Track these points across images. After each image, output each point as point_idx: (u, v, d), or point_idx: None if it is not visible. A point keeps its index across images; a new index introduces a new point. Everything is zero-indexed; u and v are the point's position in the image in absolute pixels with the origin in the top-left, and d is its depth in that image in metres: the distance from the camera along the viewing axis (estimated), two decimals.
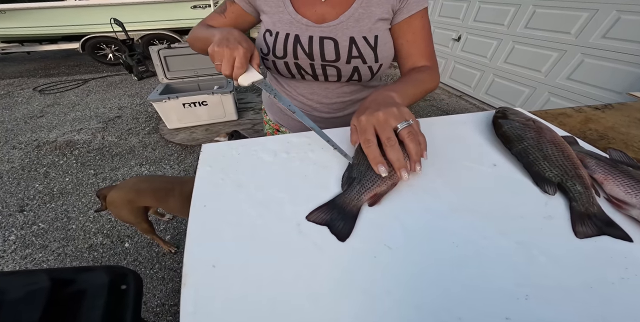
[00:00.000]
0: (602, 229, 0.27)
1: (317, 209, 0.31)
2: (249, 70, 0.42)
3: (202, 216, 0.31)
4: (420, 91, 0.47)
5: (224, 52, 0.40)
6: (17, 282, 0.29)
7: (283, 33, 0.50)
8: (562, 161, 0.33)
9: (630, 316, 0.22)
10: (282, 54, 0.51)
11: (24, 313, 0.26)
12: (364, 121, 0.34)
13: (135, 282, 0.36)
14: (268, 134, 0.80)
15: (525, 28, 2.16)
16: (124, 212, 1.04)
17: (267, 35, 0.51)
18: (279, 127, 0.73)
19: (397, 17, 0.49)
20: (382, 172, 0.31)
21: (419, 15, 0.49)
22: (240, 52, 0.40)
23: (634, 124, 0.49)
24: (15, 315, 0.25)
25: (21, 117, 2.62)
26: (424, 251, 0.27)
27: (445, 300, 0.23)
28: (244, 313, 0.22)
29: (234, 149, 0.42)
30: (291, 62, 0.52)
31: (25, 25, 3.71)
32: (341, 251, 0.27)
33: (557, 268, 0.25)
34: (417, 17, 0.49)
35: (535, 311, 0.22)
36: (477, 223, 0.29)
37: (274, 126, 0.74)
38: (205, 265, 0.26)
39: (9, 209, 1.54)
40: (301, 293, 0.24)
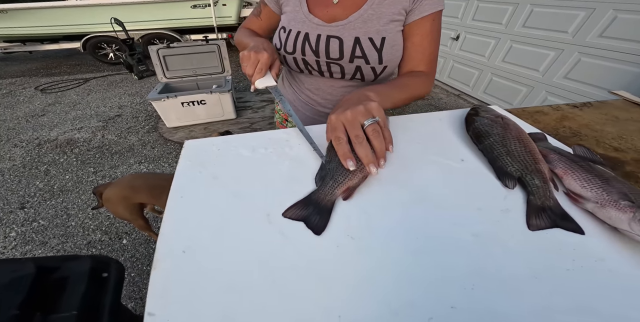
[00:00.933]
0: (555, 222, 0.29)
1: (293, 206, 0.32)
2: (266, 75, 0.48)
3: (178, 206, 0.32)
4: (405, 96, 0.48)
5: (251, 56, 0.47)
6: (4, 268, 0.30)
7: (295, 31, 0.54)
8: (523, 156, 0.34)
9: (571, 307, 0.23)
10: (292, 50, 0.55)
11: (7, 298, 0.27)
12: (334, 120, 0.36)
13: (117, 271, 0.38)
14: (277, 122, 0.85)
15: (523, 27, 2.16)
16: (120, 209, 1.06)
17: (282, 32, 0.56)
18: (287, 116, 0.77)
19: (409, 17, 0.49)
20: (350, 166, 0.33)
21: (431, 18, 0.49)
22: (264, 57, 0.46)
23: (610, 121, 0.50)
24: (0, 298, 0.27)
25: (23, 115, 2.65)
26: (384, 242, 0.28)
27: (397, 288, 0.24)
28: (209, 297, 0.24)
29: (214, 145, 0.43)
30: (299, 58, 0.56)
31: (27, 25, 3.75)
32: (306, 241, 0.28)
33: (506, 259, 0.26)
34: (428, 20, 0.49)
35: (479, 300, 0.23)
36: (438, 215, 0.31)
37: (283, 116, 0.79)
38: (176, 251, 0.27)
39: (10, 206, 1.57)
40: (265, 279, 0.25)
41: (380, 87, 0.45)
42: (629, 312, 0.22)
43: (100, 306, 0.32)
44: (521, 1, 2.12)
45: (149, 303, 0.23)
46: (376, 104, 0.36)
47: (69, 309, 0.29)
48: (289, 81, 0.70)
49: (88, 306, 0.30)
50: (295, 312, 0.23)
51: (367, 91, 0.41)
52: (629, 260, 0.26)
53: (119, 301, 0.34)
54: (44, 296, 0.29)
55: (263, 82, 0.48)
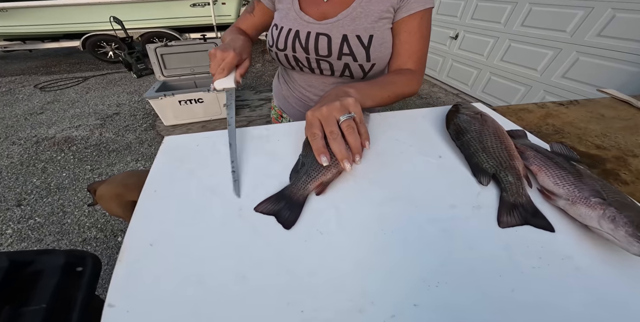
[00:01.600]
0: (526, 219, 0.28)
1: (266, 201, 0.32)
2: (229, 76, 0.46)
3: (150, 200, 0.32)
4: (388, 94, 0.47)
5: (217, 54, 0.45)
6: None
7: (286, 28, 0.54)
8: (499, 152, 0.34)
9: (533, 304, 0.22)
10: (283, 46, 0.55)
11: None
12: (310, 116, 0.36)
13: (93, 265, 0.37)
14: (273, 118, 0.85)
15: (522, 26, 2.15)
16: (113, 206, 1.06)
17: (274, 29, 0.57)
18: (281, 112, 0.78)
19: (396, 15, 0.49)
20: (324, 162, 0.33)
21: (418, 15, 0.48)
22: (229, 56, 0.45)
23: (594, 119, 0.50)
24: None
25: (21, 113, 2.66)
26: (352, 237, 0.28)
27: (363, 285, 0.24)
28: (174, 290, 0.24)
29: (194, 141, 0.43)
30: (290, 55, 0.56)
31: (27, 24, 3.76)
32: (276, 235, 0.28)
33: (472, 256, 0.26)
34: (416, 18, 0.48)
35: (443, 297, 0.23)
36: (410, 211, 0.31)
37: (278, 112, 0.79)
38: (143, 243, 0.27)
39: (7, 203, 1.57)
40: (233, 273, 0.25)
41: (362, 85, 0.44)
42: (592, 310, 0.22)
43: (71, 300, 0.32)
44: (520, 0, 2.10)
45: (110, 295, 0.24)
46: (353, 100, 0.36)
47: (39, 302, 0.29)
48: (283, 78, 0.71)
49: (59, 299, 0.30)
50: (260, 307, 0.23)
51: (347, 88, 0.41)
52: (596, 258, 0.26)
53: (92, 294, 0.34)
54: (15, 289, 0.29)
55: (222, 83, 0.46)
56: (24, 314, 0.27)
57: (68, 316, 0.29)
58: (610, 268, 0.25)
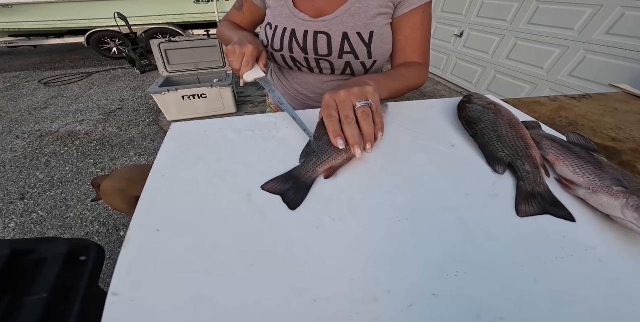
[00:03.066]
0: (545, 209, 0.28)
1: (273, 180, 0.32)
2: (254, 68, 0.47)
3: (157, 185, 0.32)
4: (401, 86, 0.47)
5: (236, 50, 0.45)
6: None
7: (281, 27, 0.52)
8: (515, 141, 0.33)
9: (555, 295, 0.22)
10: (279, 47, 0.53)
11: None
12: (328, 98, 0.36)
13: (97, 255, 0.37)
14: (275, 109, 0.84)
15: (528, 24, 2.12)
16: (117, 201, 1.06)
17: (268, 29, 0.54)
18: (278, 110, 0.76)
19: (398, 10, 0.48)
20: (340, 145, 0.32)
21: (420, 10, 0.48)
22: (249, 50, 0.45)
23: (608, 112, 0.49)
24: None
25: (26, 108, 2.67)
26: (365, 225, 0.27)
27: (377, 273, 0.23)
28: (181, 277, 0.23)
29: (201, 127, 0.43)
30: (287, 56, 0.54)
31: (32, 20, 3.77)
32: (286, 221, 0.27)
33: (491, 245, 0.25)
34: (417, 12, 0.48)
35: (462, 287, 0.22)
36: (423, 199, 0.30)
37: (275, 109, 0.78)
38: (149, 229, 0.26)
39: (10, 197, 1.58)
40: (238, 258, 0.24)
41: (378, 76, 0.44)
42: (617, 304, 0.21)
43: (73, 290, 0.31)
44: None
45: (114, 282, 0.22)
46: (372, 88, 0.35)
47: (39, 292, 0.28)
48: (277, 76, 0.69)
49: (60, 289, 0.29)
50: (270, 295, 0.22)
51: (365, 79, 0.40)
52: (620, 249, 0.24)
53: (95, 284, 0.34)
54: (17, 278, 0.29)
55: (251, 74, 0.47)
56: (24, 303, 0.26)
57: (69, 307, 0.28)
58: (635, 261, 0.24)
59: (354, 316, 0.20)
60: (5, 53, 4.91)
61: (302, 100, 0.65)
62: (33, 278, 0.29)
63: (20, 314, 0.25)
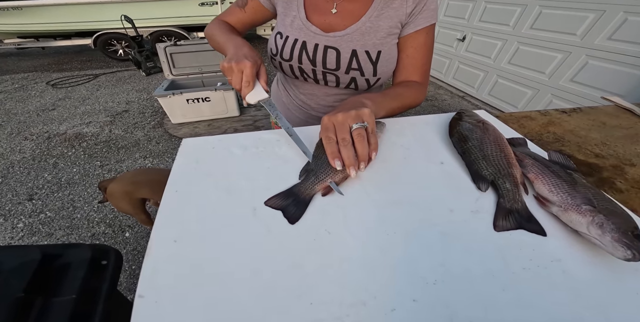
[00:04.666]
0: (520, 224, 0.30)
1: (275, 196, 0.35)
2: (256, 87, 0.44)
3: (172, 199, 0.35)
4: (398, 105, 0.49)
5: (233, 67, 0.43)
6: (12, 254, 0.33)
7: (292, 38, 0.53)
8: (498, 160, 0.35)
9: (519, 303, 0.24)
10: (289, 57, 0.54)
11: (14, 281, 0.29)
12: (326, 121, 0.38)
13: (115, 259, 0.40)
14: (272, 123, 0.86)
15: (531, 29, 2.13)
16: (123, 204, 1.10)
17: (278, 38, 0.55)
18: None
19: (404, 30, 0.50)
20: (338, 165, 0.35)
21: (425, 31, 0.49)
22: (247, 67, 0.42)
23: (595, 127, 0.51)
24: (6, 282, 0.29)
25: (34, 109, 2.73)
26: (358, 237, 0.30)
27: (366, 281, 0.26)
28: (194, 283, 0.26)
29: (210, 143, 0.45)
30: (295, 66, 0.55)
31: (40, 21, 3.85)
32: (287, 234, 0.30)
33: (468, 257, 0.28)
34: (422, 33, 0.50)
35: (439, 295, 0.25)
36: (411, 215, 0.32)
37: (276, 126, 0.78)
38: (168, 240, 0.30)
39: (19, 198, 1.63)
40: (246, 269, 0.27)
41: (376, 96, 0.46)
42: (576, 310, 0.24)
43: (97, 291, 0.33)
44: (530, 2, 2.09)
45: (140, 286, 0.25)
46: (368, 111, 0.37)
47: (68, 293, 0.30)
48: (283, 85, 0.71)
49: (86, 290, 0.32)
50: (274, 299, 0.25)
51: (363, 98, 0.42)
52: (584, 261, 0.27)
53: (115, 286, 0.37)
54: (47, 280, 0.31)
55: (254, 96, 0.44)
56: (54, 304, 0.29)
57: (94, 307, 0.31)
58: (596, 271, 0.26)
59: (344, 318, 0.23)
60: (14, 54, 5.00)
61: (306, 109, 0.67)
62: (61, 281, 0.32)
63: (52, 314, 0.27)
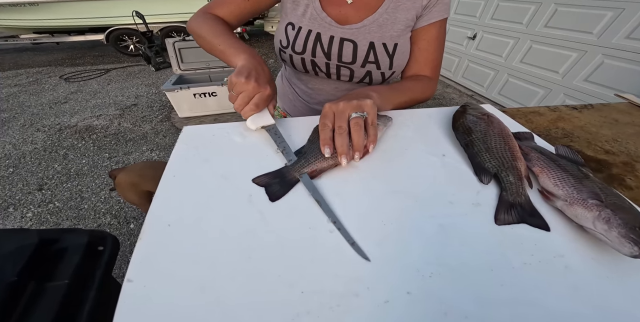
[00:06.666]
0: (523, 218, 0.29)
1: (264, 175, 0.35)
2: (263, 111, 0.41)
3: (169, 184, 0.35)
4: (406, 99, 0.48)
5: (250, 87, 0.38)
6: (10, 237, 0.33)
7: (306, 29, 0.50)
8: (502, 152, 0.34)
9: (518, 299, 0.23)
10: (302, 50, 0.51)
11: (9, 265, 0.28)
12: (327, 108, 0.37)
13: (112, 246, 0.40)
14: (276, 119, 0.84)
15: (545, 27, 2.07)
16: (129, 194, 1.11)
17: (289, 29, 0.51)
18: (286, 114, 0.77)
19: (417, 23, 0.49)
20: (326, 153, 0.34)
21: (438, 24, 0.49)
22: (265, 93, 0.39)
23: (607, 124, 0.49)
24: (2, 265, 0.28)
25: (47, 102, 2.80)
26: (354, 227, 0.29)
27: (360, 271, 0.25)
28: (187, 268, 0.25)
29: (210, 131, 0.45)
30: (308, 59, 0.53)
31: (56, 17, 3.95)
32: (282, 221, 0.30)
33: (466, 250, 0.27)
34: (435, 26, 0.49)
35: (434, 288, 0.24)
36: (409, 206, 0.31)
37: (282, 113, 0.78)
38: (162, 224, 0.29)
39: (29, 187, 1.67)
40: (238, 253, 0.27)
41: (383, 89, 0.45)
42: (574, 308, 0.22)
43: (91, 277, 0.33)
44: (545, 0, 2.03)
45: (130, 270, 0.25)
46: (371, 102, 0.36)
47: (62, 278, 0.30)
48: (288, 80, 0.68)
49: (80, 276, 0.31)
50: (264, 286, 0.24)
51: (370, 91, 0.41)
52: (587, 258, 0.26)
53: (109, 273, 0.37)
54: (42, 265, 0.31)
55: (258, 120, 0.40)
56: (47, 289, 0.29)
57: (86, 293, 0.31)
58: (600, 268, 0.25)
59: (335, 308, 0.23)
60: (30, 49, 5.14)
61: (311, 104, 0.65)
62: (56, 265, 0.31)
63: (43, 299, 0.27)
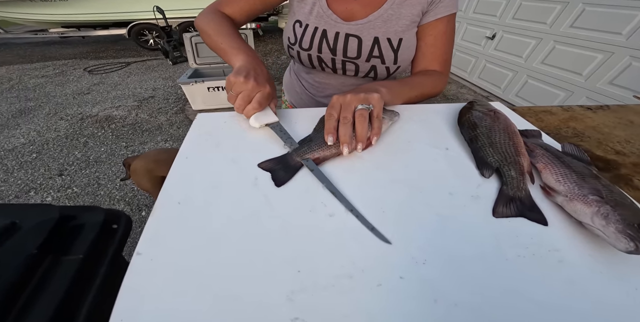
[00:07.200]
0: (522, 212, 0.29)
1: (269, 160, 0.36)
2: (265, 109, 0.41)
3: (181, 165, 0.37)
4: (416, 94, 0.48)
5: (249, 86, 0.39)
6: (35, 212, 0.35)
7: (312, 26, 0.52)
8: (505, 147, 0.34)
9: (507, 289, 0.23)
10: (308, 46, 0.53)
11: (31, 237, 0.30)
12: (335, 99, 0.38)
13: (125, 225, 0.41)
14: (284, 102, 0.86)
15: (570, 27, 1.99)
16: (144, 181, 1.16)
17: (297, 26, 0.53)
18: (292, 107, 0.78)
19: (423, 18, 0.49)
20: (329, 141, 0.36)
21: (445, 20, 0.49)
22: (265, 91, 0.40)
23: (622, 125, 0.47)
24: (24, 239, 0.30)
25: (71, 93, 2.94)
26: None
27: (356, 254, 0.26)
28: (193, 243, 0.27)
29: (222, 118, 0.47)
30: (314, 55, 0.54)
31: (83, 12, 4.14)
32: (284, 203, 0.31)
33: (462, 240, 0.27)
34: (442, 22, 0.49)
35: (427, 274, 0.24)
36: (409, 195, 0.32)
37: (289, 106, 0.79)
38: (172, 201, 0.31)
39: (50, 173, 1.76)
40: (241, 231, 0.28)
41: (393, 84, 0.46)
42: (564, 301, 0.22)
43: (104, 253, 0.34)
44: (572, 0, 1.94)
45: (140, 244, 0.27)
46: (378, 96, 0.37)
47: (77, 253, 0.32)
48: (297, 75, 0.70)
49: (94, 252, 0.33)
50: (264, 263, 0.25)
51: (379, 85, 0.42)
52: (583, 253, 0.25)
53: (121, 251, 0.38)
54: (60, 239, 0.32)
55: (262, 118, 0.40)
56: (63, 262, 0.30)
57: (97, 269, 0.32)
58: (594, 263, 0.25)
59: (329, 288, 0.23)
60: (57, 42, 5.39)
61: (319, 99, 0.66)
62: (73, 240, 0.33)
63: (58, 272, 0.29)
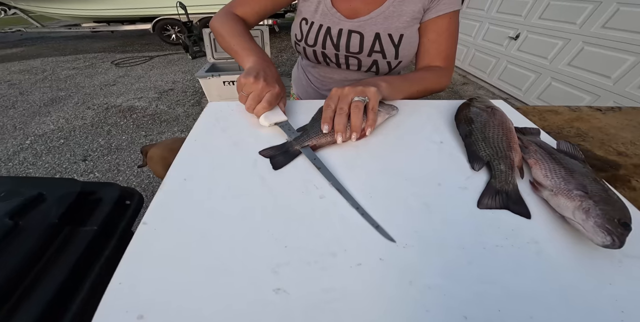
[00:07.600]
0: (506, 204, 0.29)
1: (270, 147, 0.39)
2: (275, 109, 0.43)
3: (190, 146, 0.40)
4: (418, 89, 0.49)
5: (260, 86, 0.40)
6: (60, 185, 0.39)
7: (317, 24, 0.55)
8: (498, 142, 0.34)
9: (483, 278, 0.24)
10: (313, 42, 0.56)
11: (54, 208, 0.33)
12: (333, 91, 0.40)
13: (138, 201, 0.45)
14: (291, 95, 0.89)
15: (602, 28, 1.87)
16: (159, 168, 1.21)
17: (303, 24, 0.57)
18: (299, 99, 0.79)
19: (425, 15, 0.51)
20: (324, 129, 0.38)
21: (447, 16, 0.49)
22: (275, 91, 0.41)
23: (630, 127, 0.45)
24: (49, 209, 0.33)
25: (98, 84, 3.12)
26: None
27: (341, 234, 0.27)
28: (191, 214, 0.29)
29: (230, 107, 0.50)
30: (319, 51, 0.57)
31: (114, 7, 4.36)
32: (279, 185, 0.33)
33: (444, 228, 0.28)
34: (444, 18, 0.50)
35: (406, 258, 0.25)
36: (398, 183, 0.33)
37: (296, 98, 0.82)
38: (179, 178, 0.34)
39: (75, 158, 1.88)
40: (238, 208, 0.30)
41: (395, 79, 0.47)
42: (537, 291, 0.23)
43: (115, 227, 0.37)
44: None
45: (147, 215, 0.29)
46: (375, 89, 0.39)
47: (92, 224, 0.35)
48: (304, 69, 0.73)
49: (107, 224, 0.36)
50: (253, 239, 0.27)
51: (379, 80, 0.44)
52: (561, 247, 0.26)
53: (131, 226, 0.41)
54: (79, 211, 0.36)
55: (271, 117, 0.42)
56: (79, 232, 0.33)
57: (108, 241, 0.35)
58: (572, 258, 0.25)
59: (312, 264, 0.25)
60: (88, 36, 5.70)
61: (323, 92, 0.69)
62: (90, 213, 0.36)
63: (75, 240, 0.32)
